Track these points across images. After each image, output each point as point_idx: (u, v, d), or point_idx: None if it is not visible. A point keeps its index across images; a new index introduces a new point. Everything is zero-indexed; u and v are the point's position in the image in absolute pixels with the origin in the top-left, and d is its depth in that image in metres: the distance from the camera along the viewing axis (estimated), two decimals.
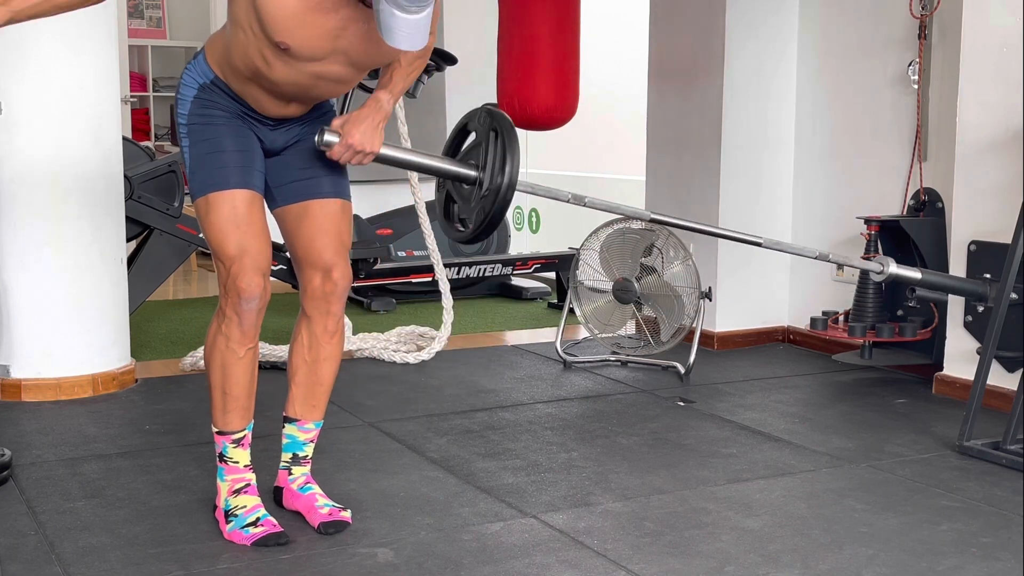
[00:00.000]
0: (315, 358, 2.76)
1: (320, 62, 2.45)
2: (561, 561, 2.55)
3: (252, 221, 2.58)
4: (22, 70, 3.83)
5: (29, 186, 3.88)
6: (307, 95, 2.58)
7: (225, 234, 2.55)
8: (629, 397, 4.09)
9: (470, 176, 2.70)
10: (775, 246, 3.14)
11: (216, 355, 2.64)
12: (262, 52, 2.44)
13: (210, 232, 2.58)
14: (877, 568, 2.51)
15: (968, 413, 3.41)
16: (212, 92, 2.60)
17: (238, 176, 2.57)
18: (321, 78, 2.50)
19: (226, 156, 2.57)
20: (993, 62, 3.81)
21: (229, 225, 2.55)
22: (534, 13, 4.52)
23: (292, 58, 2.43)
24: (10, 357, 3.96)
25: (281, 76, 2.48)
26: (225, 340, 2.62)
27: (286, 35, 2.37)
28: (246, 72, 2.51)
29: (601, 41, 6.50)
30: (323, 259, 2.68)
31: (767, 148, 4.92)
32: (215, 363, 2.65)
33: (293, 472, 2.83)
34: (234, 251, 2.55)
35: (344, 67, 2.48)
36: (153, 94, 9.48)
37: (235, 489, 2.69)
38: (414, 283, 6.13)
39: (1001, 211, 3.79)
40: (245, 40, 2.45)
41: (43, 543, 2.63)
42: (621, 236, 4.45)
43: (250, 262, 2.56)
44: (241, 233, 2.56)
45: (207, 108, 2.59)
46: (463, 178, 2.72)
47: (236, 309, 2.58)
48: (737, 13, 4.78)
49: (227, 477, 2.71)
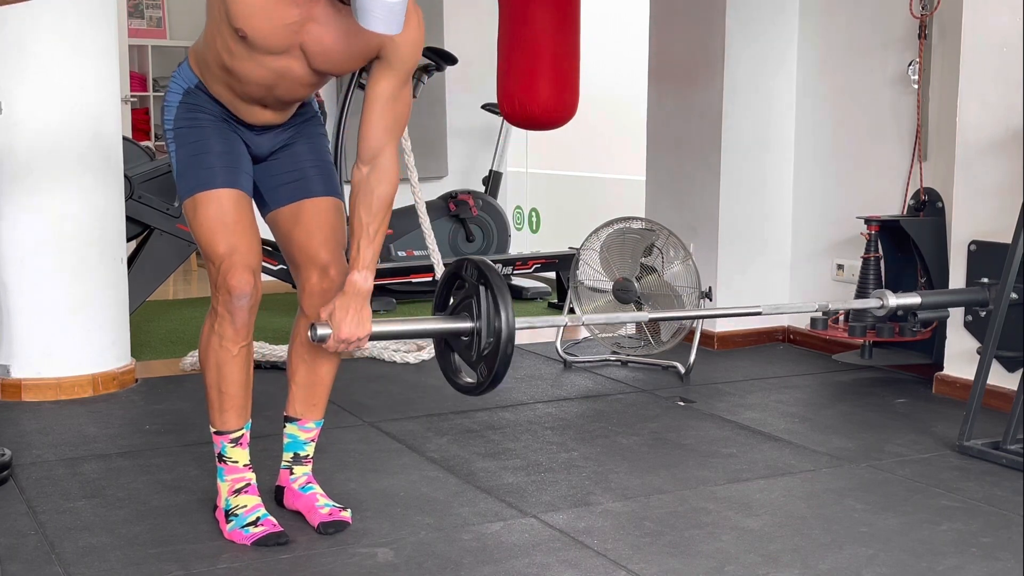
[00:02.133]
0: (315, 357, 2.76)
1: (278, 56, 2.46)
2: (561, 561, 2.55)
3: (240, 219, 2.58)
4: (22, 70, 3.83)
5: (29, 186, 3.88)
6: (272, 95, 2.57)
7: (214, 233, 2.56)
8: (629, 397, 4.09)
9: (466, 329, 2.66)
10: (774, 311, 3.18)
11: (211, 355, 2.64)
12: (227, 42, 2.46)
13: (199, 232, 2.58)
14: (877, 568, 2.52)
15: (968, 413, 3.41)
16: (197, 96, 2.62)
17: (224, 176, 2.58)
18: (283, 76, 2.50)
19: (212, 157, 2.58)
20: (993, 62, 3.81)
21: (217, 224, 2.56)
22: (534, 13, 4.52)
23: (251, 49, 2.44)
24: (10, 357, 3.96)
25: (244, 70, 2.49)
26: (219, 339, 2.62)
27: (245, 21, 2.39)
28: (216, 68, 2.54)
29: (601, 41, 6.50)
30: (320, 257, 2.69)
31: (767, 148, 4.92)
32: (210, 363, 2.65)
33: (295, 471, 2.83)
34: (223, 249, 2.56)
35: (303, 67, 2.49)
36: (153, 94, 9.47)
37: (236, 489, 2.69)
38: (414, 283, 6.14)
39: (1001, 211, 3.79)
40: (214, 30, 2.48)
41: (43, 543, 2.63)
42: (621, 236, 4.45)
43: (239, 259, 2.56)
44: (229, 232, 2.56)
45: (192, 112, 2.61)
46: (460, 333, 2.67)
47: (228, 307, 2.58)
48: (737, 13, 4.78)
49: (227, 477, 2.71)
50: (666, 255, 4.37)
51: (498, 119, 6.70)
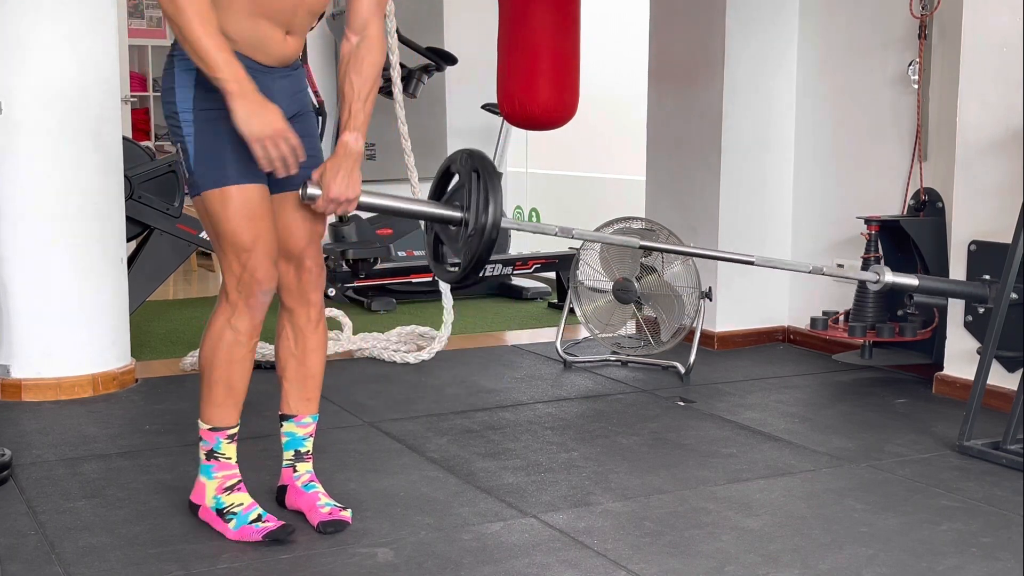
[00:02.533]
0: (303, 350, 2.78)
1: None
2: (561, 561, 2.55)
3: (264, 213, 2.60)
4: (22, 70, 3.83)
5: (29, 186, 3.88)
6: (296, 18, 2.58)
7: (241, 226, 2.56)
8: (629, 397, 4.09)
9: (455, 217, 2.68)
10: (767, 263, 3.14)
11: (222, 349, 2.64)
12: None
13: (223, 225, 2.57)
14: (877, 568, 2.52)
15: (968, 413, 3.41)
16: None
17: (252, 169, 2.56)
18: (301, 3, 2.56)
19: (239, 148, 2.52)
20: (993, 62, 3.81)
21: (243, 218, 2.56)
22: (534, 13, 4.53)
23: None
24: (10, 357, 3.96)
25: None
26: (234, 333, 2.62)
27: None
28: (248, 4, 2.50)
29: (601, 41, 6.51)
30: (297, 248, 2.70)
31: (767, 148, 4.92)
32: (220, 357, 2.64)
33: (298, 469, 2.84)
34: (249, 243, 2.57)
35: None
36: (153, 94, 9.47)
37: (226, 486, 2.69)
38: (414, 283, 6.14)
39: (1001, 211, 3.79)
40: None
41: (43, 543, 2.63)
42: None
43: (265, 253, 2.58)
44: (255, 225, 2.57)
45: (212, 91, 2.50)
46: (448, 220, 2.70)
47: (250, 302, 2.60)
48: (737, 13, 4.78)
49: (216, 474, 2.70)
50: (666, 255, 4.37)
51: (498, 119, 6.70)
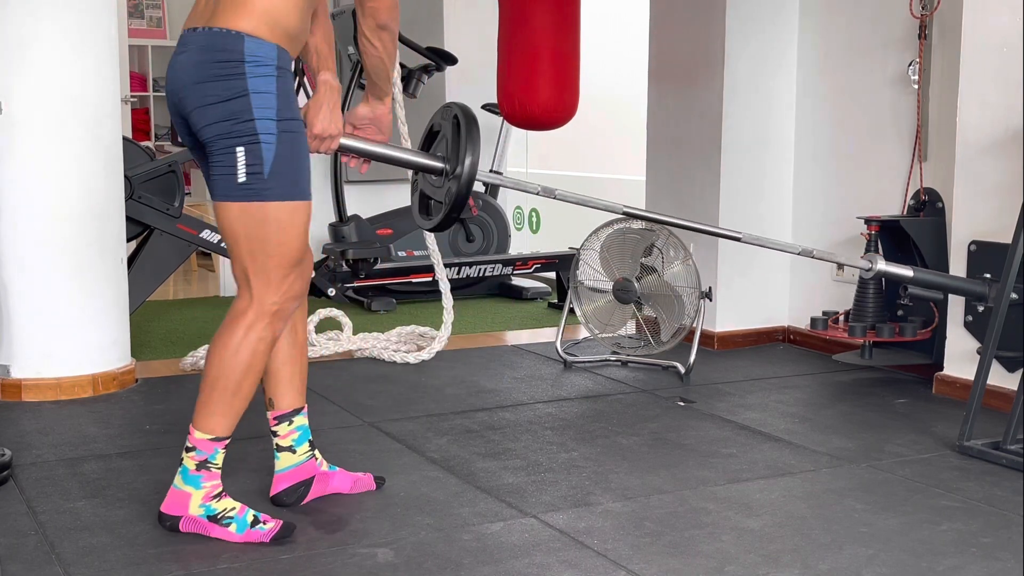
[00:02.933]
0: (300, 341, 2.84)
1: None
2: (561, 561, 2.55)
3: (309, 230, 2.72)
4: (22, 70, 3.83)
5: (29, 186, 3.88)
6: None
7: (300, 241, 2.64)
8: (629, 397, 4.09)
9: (436, 167, 2.78)
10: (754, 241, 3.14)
11: (257, 359, 2.62)
12: None
13: (284, 236, 2.58)
14: (877, 568, 2.52)
15: (968, 413, 3.41)
16: (286, 77, 2.53)
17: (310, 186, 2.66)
18: None
19: (308, 163, 2.62)
20: (993, 62, 3.81)
21: (304, 233, 2.65)
22: (534, 13, 4.52)
23: None
24: (10, 357, 3.96)
25: None
26: (267, 345, 2.63)
27: None
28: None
29: (601, 41, 6.50)
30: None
31: (767, 148, 4.92)
32: (254, 367, 2.62)
33: (318, 456, 2.93)
34: (302, 256, 2.65)
35: None
36: (153, 94, 9.48)
37: (215, 494, 2.67)
38: (414, 283, 6.14)
39: (1001, 211, 3.79)
40: None
41: (43, 543, 2.63)
42: (621, 236, 4.45)
43: (309, 266, 2.71)
44: (307, 240, 2.67)
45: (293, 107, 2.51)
46: (430, 169, 2.82)
47: (286, 312, 2.65)
48: (737, 13, 4.78)
49: (205, 484, 2.66)
50: (666, 255, 4.37)
51: (498, 119, 6.70)
